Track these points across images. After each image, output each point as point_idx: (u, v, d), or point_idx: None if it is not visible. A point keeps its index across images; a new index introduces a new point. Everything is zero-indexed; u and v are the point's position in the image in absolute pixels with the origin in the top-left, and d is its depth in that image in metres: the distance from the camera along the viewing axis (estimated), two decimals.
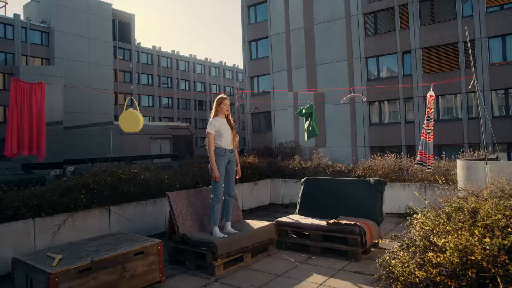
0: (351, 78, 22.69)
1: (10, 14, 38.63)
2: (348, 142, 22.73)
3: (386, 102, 22.21)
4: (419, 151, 5.72)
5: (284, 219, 5.58)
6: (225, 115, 5.02)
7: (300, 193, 6.07)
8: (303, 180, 6.18)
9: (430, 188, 6.97)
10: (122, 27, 43.94)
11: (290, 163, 9.09)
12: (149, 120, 44.98)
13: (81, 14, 38.01)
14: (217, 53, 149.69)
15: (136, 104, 5.50)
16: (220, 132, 4.87)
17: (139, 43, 45.88)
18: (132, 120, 5.37)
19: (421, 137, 5.66)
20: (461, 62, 19.46)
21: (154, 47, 47.61)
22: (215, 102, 5.02)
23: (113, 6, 41.86)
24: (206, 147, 4.91)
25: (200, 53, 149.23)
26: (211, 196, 4.88)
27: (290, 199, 8.60)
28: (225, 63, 57.16)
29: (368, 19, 22.67)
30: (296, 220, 5.43)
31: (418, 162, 5.76)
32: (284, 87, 25.42)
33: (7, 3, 36.10)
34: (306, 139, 8.20)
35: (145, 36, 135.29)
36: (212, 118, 4.97)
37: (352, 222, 4.88)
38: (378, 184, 5.45)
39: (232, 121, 5.05)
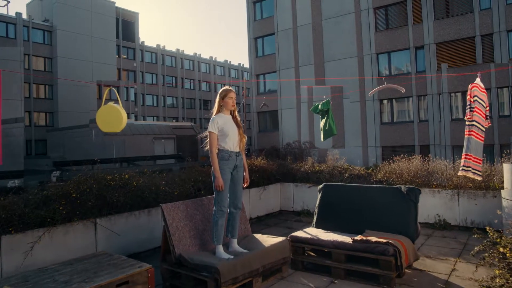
0: (361, 75, 21.76)
1: (12, 13, 38.02)
2: (359, 142, 21.81)
3: (398, 100, 21.26)
4: (464, 154, 4.76)
5: (299, 233, 4.74)
6: (230, 111, 4.20)
7: (318, 202, 5.23)
8: (320, 186, 5.34)
9: (464, 195, 6.10)
10: (125, 26, 43.28)
11: (302, 165, 8.25)
12: (153, 120, 44.31)
13: (84, 13, 37.38)
14: (223, 52, 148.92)
15: (118, 97, 4.55)
16: (224, 131, 4.05)
17: (143, 42, 45.20)
18: (113, 117, 4.42)
19: (467, 135, 4.67)
20: (478, 57, 18.48)
21: (158, 45, 46.90)
22: (218, 95, 4.20)
23: (116, 5, 41.21)
24: (208, 148, 4.10)
25: (205, 51, 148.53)
26: (214, 208, 4.06)
27: (302, 206, 7.78)
28: (230, 62, 56.36)
29: (378, 13, 21.73)
30: (314, 235, 4.59)
31: (465, 168, 4.77)
32: (291, 85, 24.55)
33: (9, 2, 35.58)
34: (322, 139, 7.33)
35: (149, 34, 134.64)
36: (215, 114, 4.16)
37: (383, 240, 4.04)
38: (412, 192, 4.60)
39: (238, 118, 4.22)
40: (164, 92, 46.72)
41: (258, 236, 4.70)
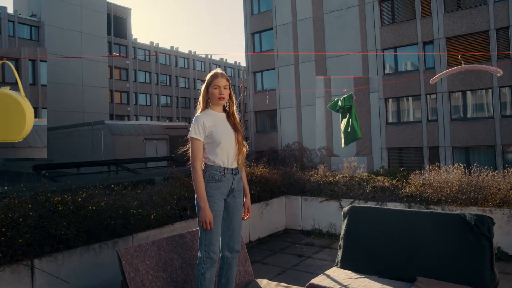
0: (365, 72, 20.45)
1: None
2: (362, 144, 20.47)
3: (405, 99, 19.96)
4: None
5: (322, 280, 3.36)
6: (224, 106, 2.83)
7: (343, 232, 3.86)
8: (346, 209, 3.97)
9: None
10: (117, 22, 41.70)
11: (311, 175, 6.88)
12: (146, 120, 42.82)
13: (73, 8, 35.77)
14: (218, 50, 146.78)
15: (18, 79, 2.72)
16: (214, 136, 2.66)
17: (135, 39, 43.67)
18: (10, 115, 2.50)
19: None
20: (493, 52, 17.20)
21: (151, 43, 45.38)
22: (203, 84, 2.84)
23: (108, 0, 39.62)
24: (189, 163, 2.72)
25: (200, 49, 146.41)
26: (199, 255, 2.68)
27: (313, 224, 6.41)
28: (226, 60, 54.98)
29: (384, 6, 20.41)
30: (344, 285, 3.22)
31: None
32: (290, 83, 23.18)
33: None
34: (343, 145, 5.90)
35: (142, 31, 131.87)
36: (200, 111, 2.79)
37: None
38: (482, 222, 3.23)
39: (237, 118, 2.84)
40: (158, 91, 45.23)
41: (264, 284, 3.32)
